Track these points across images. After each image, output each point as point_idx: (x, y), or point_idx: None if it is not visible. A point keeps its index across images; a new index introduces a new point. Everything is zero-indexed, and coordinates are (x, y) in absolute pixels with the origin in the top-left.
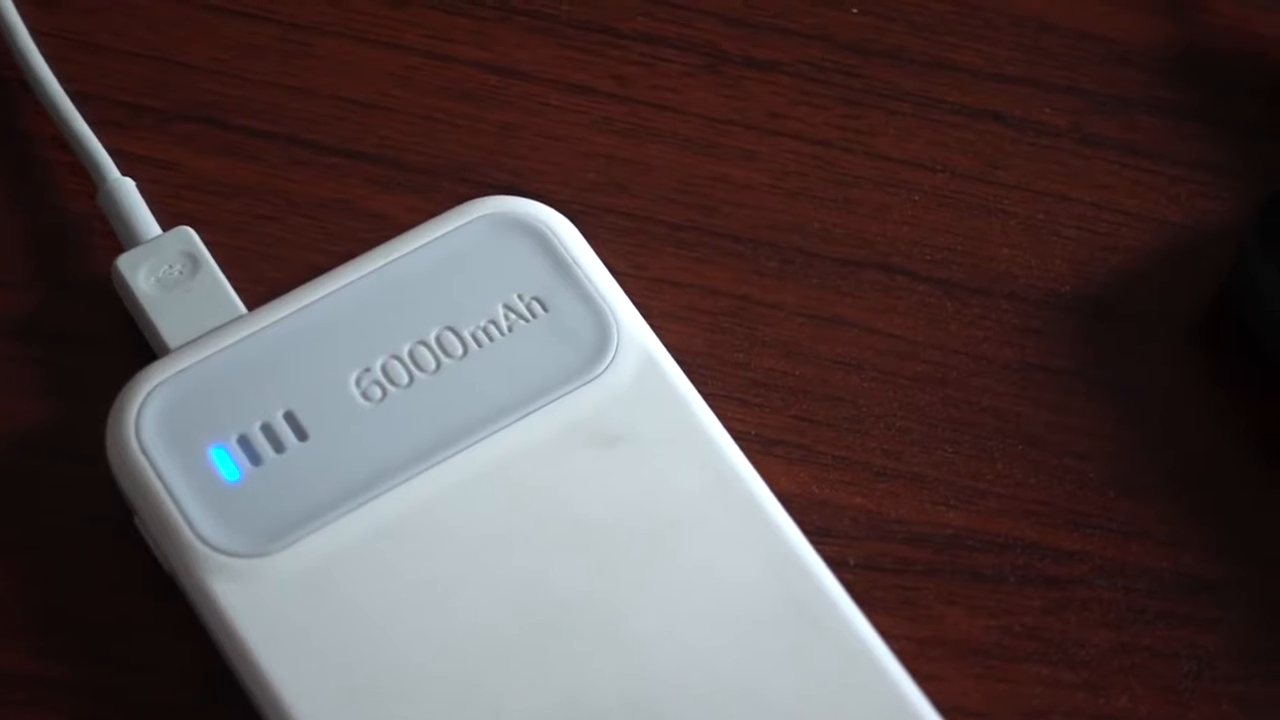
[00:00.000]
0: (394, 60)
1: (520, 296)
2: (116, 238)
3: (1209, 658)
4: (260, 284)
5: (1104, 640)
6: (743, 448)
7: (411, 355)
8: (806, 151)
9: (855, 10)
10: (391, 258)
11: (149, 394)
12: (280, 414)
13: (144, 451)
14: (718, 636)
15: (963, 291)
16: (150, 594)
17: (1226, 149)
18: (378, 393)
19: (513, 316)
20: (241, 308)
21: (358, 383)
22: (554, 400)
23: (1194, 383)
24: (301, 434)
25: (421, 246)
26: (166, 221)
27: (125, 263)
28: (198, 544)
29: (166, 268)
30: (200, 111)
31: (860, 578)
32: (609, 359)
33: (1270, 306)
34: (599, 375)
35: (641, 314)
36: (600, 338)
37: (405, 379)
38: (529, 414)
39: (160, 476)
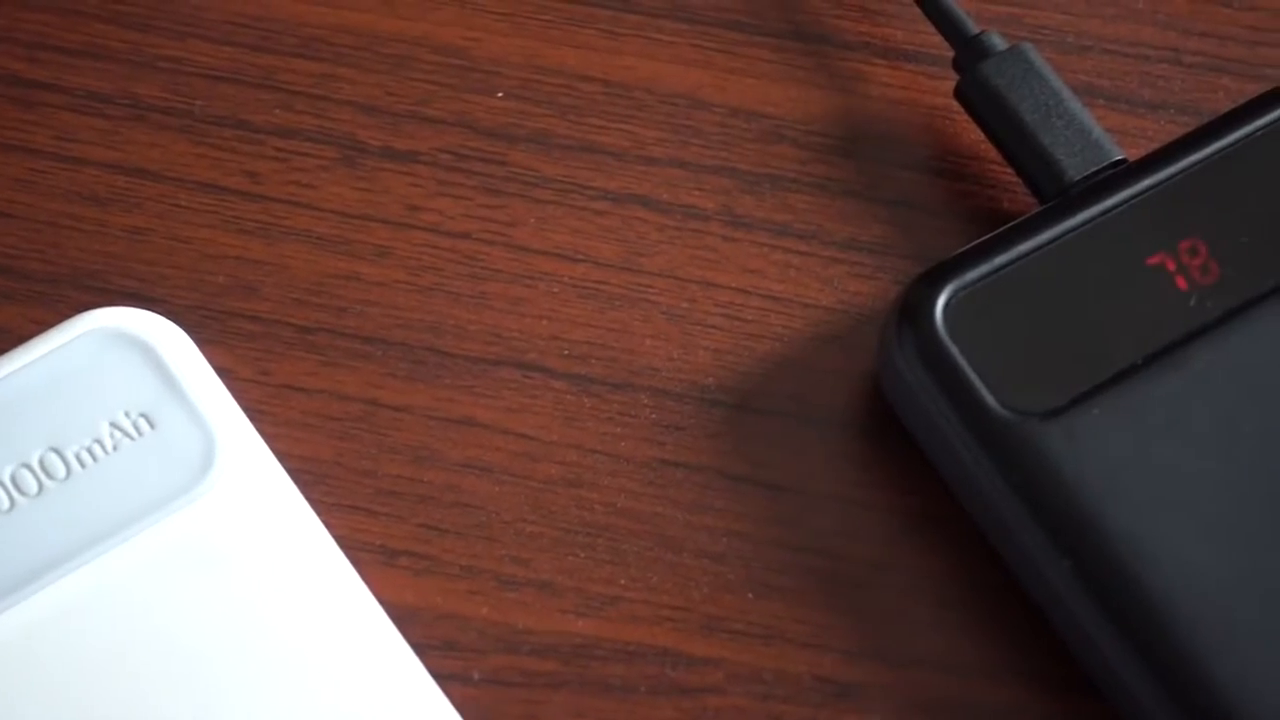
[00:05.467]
0: (20, 164)
1: (127, 413)
2: None
3: None
4: None
5: None
6: (366, 560)
7: (13, 479)
8: (443, 245)
9: (500, 95)
10: None
11: None
12: None
13: None
14: None
15: (601, 387)
16: None
17: (883, 227)
18: None
19: (118, 435)
20: None
21: None
22: (154, 523)
23: (840, 476)
24: None
25: (26, 365)
26: None
27: None
28: None
29: None
30: None
31: (485, 693)
32: (214, 477)
33: (913, 395)
34: (203, 494)
35: (266, 422)
36: (206, 455)
37: (5, 504)
38: (127, 539)
39: None
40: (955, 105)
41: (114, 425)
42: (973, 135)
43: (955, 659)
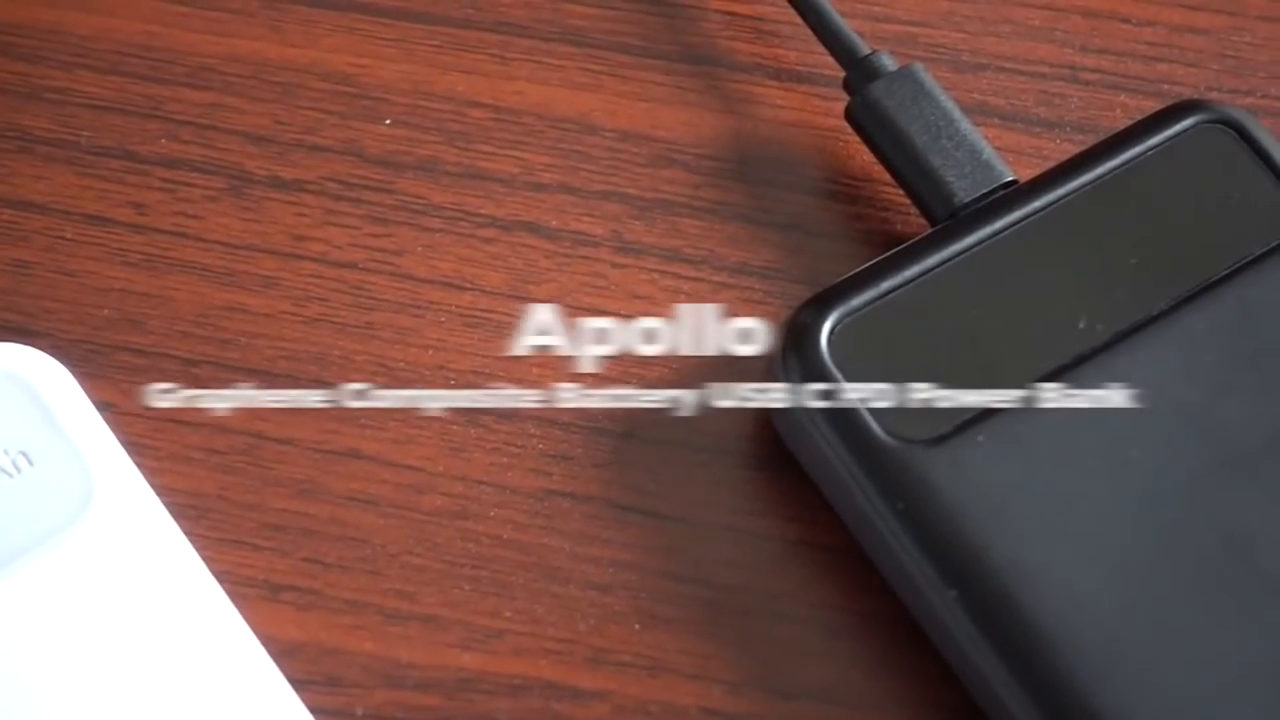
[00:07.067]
0: None
1: (6, 451)
2: None
3: None
4: None
5: None
6: (250, 595)
7: None
8: (330, 275)
9: (389, 122)
10: None
11: None
12: None
13: None
14: None
15: (488, 417)
16: None
17: (774, 251)
18: None
19: None
20: None
21: None
22: (30, 561)
23: (728, 506)
24: None
25: None
26: None
27: None
28: None
29: None
30: None
31: None
32: (91, 514)
33: (800, 423)
34: (79, 532)
35: (148, 456)
36: (83, 492)
37: None
38: (3, 577)
39: None
40: (847, 127)
41: None
42: (865, 157)
43: (844, 690)
